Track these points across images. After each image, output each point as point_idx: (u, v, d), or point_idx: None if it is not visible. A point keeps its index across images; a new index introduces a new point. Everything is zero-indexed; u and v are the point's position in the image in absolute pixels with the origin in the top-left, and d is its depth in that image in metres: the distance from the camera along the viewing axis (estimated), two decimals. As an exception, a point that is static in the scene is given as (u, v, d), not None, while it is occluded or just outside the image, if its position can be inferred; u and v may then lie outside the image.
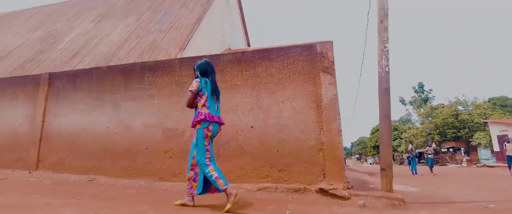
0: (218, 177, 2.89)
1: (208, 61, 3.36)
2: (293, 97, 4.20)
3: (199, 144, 3.01)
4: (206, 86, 3.13)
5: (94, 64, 12.38)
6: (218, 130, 3.15)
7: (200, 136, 3.01)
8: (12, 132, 5.67)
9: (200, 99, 3.10)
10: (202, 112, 3.04)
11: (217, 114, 3.15)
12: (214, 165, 2.99)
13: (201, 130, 3.01)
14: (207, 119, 3.01)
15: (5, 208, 2.71)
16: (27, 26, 19.56)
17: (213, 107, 3.14)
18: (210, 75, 3.25)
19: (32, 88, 5.80)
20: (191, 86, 3.11)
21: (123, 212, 2.68)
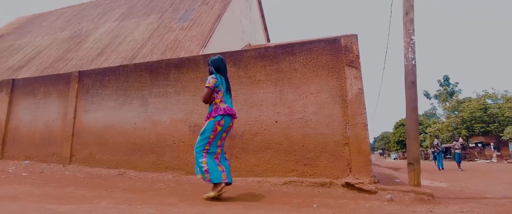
0: (207, 170, 2.98)
1: (222, 58, 3.42)
2: (318, 92, 4.19)
3: (205, 134, 3.09)
4: (222, 82, 3.23)
5: (119, 62, 12.73)
6: (231, 124, 3.20)
7: (210, 127, 3.08)
8: (47, 127, 5.95)
9: (217, 95, 3.18)
10: (221, 107, 3.12)
11: (232, 107, 3.27)
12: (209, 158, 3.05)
13: (212, 122, 3.08)
14: (225, 113, 3.09)
15: (46, 198, 2.87)
16: (54, 27, 20.30)
17: (229, 102, 3.25)
18: (223, 72, 3.33)
19: (63, 86, 6.06)
20: (208, 82, 3.17)
21: (154, 204, 2.78)
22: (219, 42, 13.77)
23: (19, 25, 23.46)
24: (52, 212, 2.35)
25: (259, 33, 20.12)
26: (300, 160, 4.00)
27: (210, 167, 3.00)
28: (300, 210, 2.69)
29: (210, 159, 3.06)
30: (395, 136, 57.23)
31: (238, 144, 4.34)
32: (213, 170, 3.00)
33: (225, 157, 3.28)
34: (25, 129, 6.23)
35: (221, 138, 3.16)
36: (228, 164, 3.25)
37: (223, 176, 3.03)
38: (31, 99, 6.38)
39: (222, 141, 3.20)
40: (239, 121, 4.40)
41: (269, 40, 21.24)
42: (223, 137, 3.20)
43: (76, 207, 2.53)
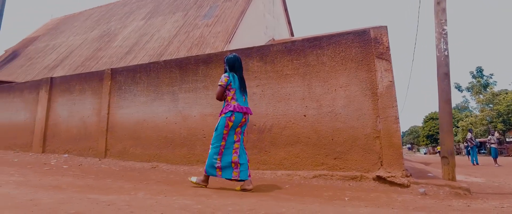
0: (220, 168, 3.19)
1: (237, 56, 3.53)
2: (347, 85, 4.14)
3: (218, 130, 3.25)
4: (234, 80, 3.35)
5: (147, 59, 13.09)
6: (242, 119, 3.29)
7: (222, 124, 3.24)
8: (83, 123, 6.25)
9: (229, 92, 3.32)
10: (231, 104, 3.27)
11: (245, 105, 3.37)
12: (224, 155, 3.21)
13: (223, 118, 3.25)
14: (235, 110, 3.23)
15: (87, 189, 3.04)
16: (85, 27, 21.09)
17: (241, 99, 3.35)
18: (237, 70, 3.45)
19: (97, 84, 6.32)
20: (221, 80, 3.33)
21: (189, 196, 2.87)
22: (243, 38, 13.84)
23: (53, 26, 24.56)
24: (95, 201, 2.48)
25: (283, 28, 20.02)
26: (329, 153, 3.99)
27: (223, 166, 3.20)
28: (332, 203, 2.69)
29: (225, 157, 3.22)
30: (424, 130, 55.43)
31: (267, 138, 4.38)
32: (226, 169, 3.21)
33: (245, 153, 3.37)
34: (63, 125, 6.57)
35: (235, 132, 3.29)
36: (247, 160, 3.33)
37: (235, 174, 3.20)
38: (67, 96, 6.71)
39: (238, 135, 3.32)
40: (267, 115, 4.44)
41: (293, 34, 21.09)
42: (238, 131, 3.32)
43: (116, 198, 2.66)
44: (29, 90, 7.54)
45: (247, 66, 4.82)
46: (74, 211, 2.11)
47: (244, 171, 3.22)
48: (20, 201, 2.42)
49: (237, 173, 3.19)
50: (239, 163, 3.23)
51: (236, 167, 3.22)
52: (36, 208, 2.19)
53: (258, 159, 4.36)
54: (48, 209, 2.16)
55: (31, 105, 7.34)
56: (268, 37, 17.13)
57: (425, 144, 55.38)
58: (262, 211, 2.29)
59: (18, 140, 7.29)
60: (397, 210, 2.40)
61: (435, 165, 10.63)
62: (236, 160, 3.22)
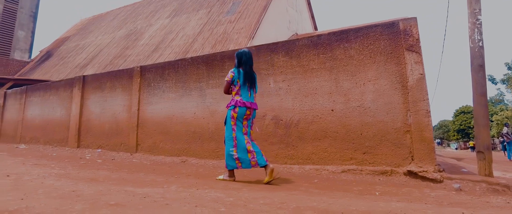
0: (238, 159, 3.32)
1: (244, 52, 3.64)
2: (376, 78, 4.07)
3: (227, 124, 3.48)
4: (239, 76, 3.49)
5: (173, 57, 13.36)
6: (247, 112, 3.43)
7: (228, 116, 3.47)
8: (114, 119, 6.49)
9: (234, 88, 3.51)
10: (235, 99, 3.46)
11: (249, 100, 3.49)
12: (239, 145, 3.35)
13: (228, 111, 3.48)
14: (237, 104, 3.40)
15: (122, 182, 3.17)
16: (112, 26, 21.75)
17: (246, 94, 3.49)
18: (243, 65, 3.57)
19: (127, 81, 6.54)
20: (227, 76, 3.53)
21: (220, 189, 2.94)
22: (266, 33, 13.83)
23: (82, 26, 25.51)
24: (132, 193, 2.59)
25: (306, 22, 19.82)
26: (358, 148, 3.95)
27: (240, 156, 3.33)
28: (362, 197, 2.68)
29: (240, 147, 3.35)
30: (455, 124, 53.39)
31: (294, 133, 4.39)
32: (243, 158, 3.32)
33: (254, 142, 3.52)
34: (96, 121, 6.85)
35: (243, 125, 3.44)
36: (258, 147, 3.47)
37: (253, 162, 3.31)
38: (99, 93, 6.99)
39: (246, 128, 3.46)
40: (294, 110, 4.45)
41: (316, 29, 20.84)
42: (245, 124, 3.46)
43: (151, 190, 2.76)
44: (64, 88, 7.90)
45: (273, 61, 4.84)
46: (114, 202, 2.22)
47: (260, 158, 3.32)
48: (64, 192, 2.57)
49: (255, 162, 3.30)
50: (255, 151, 3.35)
51: (252, 156, 3.32)
52: (79, 199, 2.32)
53: (285, 154, 4.38)
54: (90, 200, 2.28)
55: (66, 102, 7.70)
56: (291, 32, 17.02)
57: (456, 139, 53.36)
58: (292, 204, 2.32)
59: (55, 135, 7.68)
60: (431, 206, 2.36)
61: (468, 160, 10.24)
62: (250, 149, 3.34)
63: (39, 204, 2.12)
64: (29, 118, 8.71)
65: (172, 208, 2.09)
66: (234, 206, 2.19)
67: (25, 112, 8.87)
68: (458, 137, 52.27)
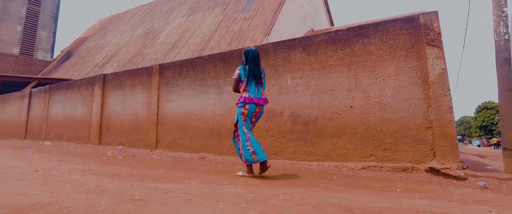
0: (254, 152, 3.39)
1: (251, 50, 3.72)
2: (396, 74, 4.00)
3: (238, 120, 3.56)
4: (245, 73, 3.58)
5: (189, 54, 13.50)
6: (256, 109, 3.55)
7: (239, 113, 3.56)
8: (134, 116, 6.63)
9: (241, 85, 3.61)
10: (243, 95, 3.55)
11: (257, 96, 3.57)
12: (252, 139, 3.45)
13: (239, 108, 3.56)
14: (246, 101, 3.49)
15: (144, 178, 3.25)
16: (130, 25, 22.13)
17: (253, 90, 3.57)
18: (249, 63, 3.65)
19: (146, 79, 6.66)
20: (234, 74, 3.65)
21: (239, 185, 2.97)
22: (282, 30, 13.79)
23: (100, 26, 26.07)
24: (154, 189, 2.65)
25: (322, 17, 19.62)
26: (378, 144, 3.90)
27: (255, 148, 3.41)
28: (384, 194, 2.65)
29: (253, 141, 3.44)
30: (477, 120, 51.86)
31: (312, 129, 4.37)
32: (258, 150, 3.40)
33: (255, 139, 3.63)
34: (117, 118, 7.02)
35: (251, 121, 3.58)
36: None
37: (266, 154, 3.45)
38: (119, 91, 7.14)
39: (251, 125, 3.62)
40: (311, 107, 4.43)
41: (332, 24, 20.61)
42: (252, 121, 3.61)
43: (172, 186, 2.82)
44: (85, 87, 8.12)
45: (290, 58, 4.82)
46: (138, 197, 2.28)
47: None
48: (89, 187, 2.66)
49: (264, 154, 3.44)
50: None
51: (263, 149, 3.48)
52: (104, 193, 2.39)
53: (303, 151, 4.38)
54: (115, 195, 2.35)
55: (87, 100, 7.91)
56: (307, 28, 16.90)
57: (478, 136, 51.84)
58: (313, 200, 2.32)
59: (78, 133, 7.91)
60: (455, 203, 2.31)
61: (492, 158, 9.95)
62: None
63: (67, 198, 2.20)
64: (53, 116, 9.00)
65: (195, 204, 2.13)
66: (255, 202, 2.21)
67: (49, 110, 9.17)
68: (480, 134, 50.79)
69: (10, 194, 2.32)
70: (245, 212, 1.95)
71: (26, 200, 2.14)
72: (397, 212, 2.01)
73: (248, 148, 3.41)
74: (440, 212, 2.04)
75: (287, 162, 4.40)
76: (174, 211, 1.94)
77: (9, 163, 4.20)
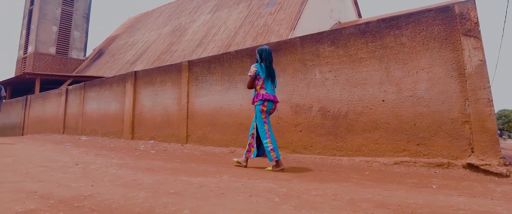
0: (273, 149, 3.50)
1: (264, 48, 3.83)
2: (429, 66, 3.86)
3: (258, 117, 3.66)
4: (262, 71, 3.69)
5: (216, 51, 13.64)
6: (273, 106, 3.69)
7: (258, 111, 3.66)
8: (165, 111, 6.82)
9: (258, 82, 3.70)
10: (260, 93, 3.65)
11: (272, 93, 3.70)
12: (272, 136, 3.58)
13: (258, 106, 3.65)
14: (264, 98, 3.60)
15: (177, 172, 3.34)
16: (158, 23, 22.63)
17: (269, 88, 3.70)
18: (265, 61, 3.76)
19: (175, 75, 6.81)
20: (250, 71, 3.72)
21: (270, 179, 2.99)
22: (307, 23, 13.62)
23: (130, 24, 26.84)
24: (188, 183, 2.73)
25: (349, 10, 19.18)
26: (411, 139, 3.79)
27: (274, 146, 3.53)
28: (419, 190, 2.58)
29: (272, 137, 3.57)
30: (517, 114, 49.02)
31: (342, 124, 4.31)
32: (275, 147, 3.53)
33: None
34: (148, 114, 7.24)
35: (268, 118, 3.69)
36: None
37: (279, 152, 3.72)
38: (150, 87, 7.36)
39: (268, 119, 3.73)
40: (341, 101, 4.36)
41: (360, 16, 20.10)
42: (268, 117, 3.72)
43: (205, 180, 2.88)
44: (117, 84, 8.42)
45: (318, 52, 4.77)
46: (173, 191, 2.36)
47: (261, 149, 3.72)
48: (126, 180, 2.77)
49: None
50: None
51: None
52: (141, 187, 2.49)
53: (334, 146, 4.33)
54: (151, 188, 2.44)
55: (120, 97, 8.21)
56: (334, 20, 16.58)
57: (518, 130, 49.00)
58: (346, 196, 2.30)
59: (111, 128, 8.24)
60: (498, 202, 2.21)
61: (532, 153, 9.39)
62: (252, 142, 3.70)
63: (107, 191, 2.31)
64: (88, 112, 9.42)
65: (228, 198, 2.18)
66: (287, 197, 2.22)
67: (84, 106, 9.60)
68: (520, 128, 47.97)
69: (55, 186, 2.47)
70: (279, 207, 1.96)
71: (70, 192, 2.26)
72: (435, 210, 1.95)
73: (268, 145, 3.52)
74: (483, 210, 1.96)
75: (317, 157, 4.37)
76: (208, 204, 1.99)
77: (52, 157, 4.45)
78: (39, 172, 3.14)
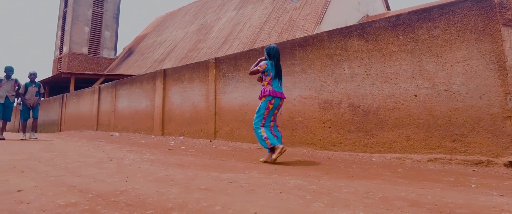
0: (267, 137, 3.70)
1: (272, 47, 4.00)
2: (465, 59, 3.68)
3: (260, 112, 3.81)
4: (272, 68, 3.85)
5: (241, 47, 13.71)
6: (280, 103, 3.85)
7: (263, 106, 3.80)
8: (193, 108, 6.95)
9: (266, 78, 3.84)
10: (267, 88, 3.80)
11: (279, 90, 3.85)
12: (266, 129, 3.79)
13: (265, 102, 3.80)
14: (271, 94, 3.76)
15: (206, 167, 3.40)
16: (184, 22, 23.02)
17: (276, 85, 3.85)
18: (274, 58, 3.92)
19: (203, 72, 6.91)
20: (260, 65, 3.85)
21: (299, 176, 2.97)
22: (334, 17, 13.37)
23: (158, 23, 27.48)
24: (218, 178, 2.77)
25: (377, 2, 18.62)
26: (446, 136, 3.64)
27: (268, 135, 3.71)
28: (456, 189, 2.48)
29: (266, 129, 3.78)
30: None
31: (373, 120, 4.21)
32: (270, 137, 3.71)
33: (278, 129, 3.99)
34: (177, 110, 7.41)
35: (273, 114, 3.86)
36: (280, 135, 3.94)
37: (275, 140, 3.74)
38: (179, 85, 7.52)
39: (274, 116, 3.90)
40: (372, 97, 4.26)
41: (389, 8, 19.47)
42: (275, 113, 3.88)
43: (234, 176, 2.91)
44: (147, 81, 8.67)
45: (346, 46, 4.67)
46: (204, 187, 2.40)
47: (279, 140, 3.83)
48: (158, 176, 2.85)
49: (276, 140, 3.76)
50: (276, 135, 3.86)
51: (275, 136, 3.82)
52: (172, 183, 2.55)
53: (364, 142, 4.24)
54: (183, 184, 2.50)
55: (150, 94, 8.45)
56: (361, 13, 16.18)
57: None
58: (379, 194, 2.24)
59: (142, 124, 8.51)
60: (544, 201, 2.08)
61: None
62: (273, 132, 3.85)
63: (141, 186, 2.39)
64: (119, 109, 9.78)
65: (259, 194, 2.19)
66: (318, 194, 2.20)
67: (116, 104, 9.96)
68: None
69: (92, 180, 2.58)
70: (310, 204, 1.95)
71: (106, 187, 2.36)
72: (476, 210, 1.87)
73: (262, 134, 3.74)
74: (527, 210, 1.86)
75: (347, 153, 4.30)
76: (239, 201, 2.00)
77: (88, 152, 4.67)
78: (76, 166, 3.30)
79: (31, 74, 7.81)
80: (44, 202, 1.94)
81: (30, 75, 7.81)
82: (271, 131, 3.85)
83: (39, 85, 7.92)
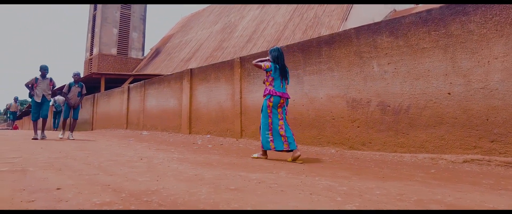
0: (272, 141, 3.84)
1: (276, 49, 4.08)
2: (504, 55, 3.49)
3: (263, 111, 3.96)
4: (275, 70, 3.95)
5: (265, 46, 13.68)
6: (281, 100, 3.91)
7: (264, 105, 3.96)
8: (220, 107, 7.02)
9: (268, 79, 3.97)
10: (268, 88, 3.95)
11: (281, 90, 3.95)
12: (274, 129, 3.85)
13: (265, 100, 3.96)
14: (270, 93, 3.89)
15: (234, 166, 3.42)
16: (209, 21, 23.26)
17: (278, 86, 3.95)
18: (279, 60, 4.02)
19: (228, 72, 6.96)
20: (264, 64, 3.97)
21: (329, 177, 2.93)
22: (360, 13, 13.05)
23: (183, 24, 27.94)
24: (247, 178, 2.77)
25: (405, -4, 17.97)
26: (484, 135, 3.47)
27: (274, 139, 3.83)
28: (497, 193, 2.35)
29: (274, 131, 3.85)
30: None
31: (404, 119, 4.08)
32: (277, 142, 3.82)
33: (289, 128, 3.96)
34: (204, 109, 7.52)
35: (278, 112, 3.91)
36: (292, 132, 3.92)
37: (285, 146, 3.79)
38: (205, 84, 7.62)
39: (281, 114, 3.93)
40: (402, 95, 4.13)
41: (417, 2, 18.76)
42: (280, 111, 3.93)
43: (262, 175, 2.91)
44: (175, 81, 8.85)
45: (375, 43, 4.55)
46: (234, 187, 2.41)
47: (292, 143, 3.80)
48: (188, 175, 2.90)
49: (287, 145, 3.78)
50: (286, 136, 3.81)
51: (285, 140, 3.80)
52: (202, 182, 2.58)
53: (394, 142, 4.13)
54: (212, 184, 2.52)
55: (177, 93, 8.62)
56: (389, 9, 15.70)
57: None
58: (413, 196, 2.17)
59: (170, 123, 8.70)
60: None
61: None
62: (283, 133, 3.82)
63: (172, 186, 2.43)
64: (148, 108, 10.04)
65: (288, 195, 2.17)
66: (349, 196, 2.16)
67: (145, 103, 10.24)
68: None
69: (124, 179, 2.66)
70: (342, 206, 1.92)
71: (138, 186, 2.42)
72: (520, 215, 1.77)
73: (268, 137, 3.86)
74: None
75: (376, 153, 4.20)
76: (270, 201, 2.00)
77: (118, 151, 4.82)
78: (109, 165, 3.41)
79: (75, 75, 7.76)
80: (81, 200, 2.01)
81: (74, 75, 7.76)
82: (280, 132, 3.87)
83: (82, 86, 7.86)
